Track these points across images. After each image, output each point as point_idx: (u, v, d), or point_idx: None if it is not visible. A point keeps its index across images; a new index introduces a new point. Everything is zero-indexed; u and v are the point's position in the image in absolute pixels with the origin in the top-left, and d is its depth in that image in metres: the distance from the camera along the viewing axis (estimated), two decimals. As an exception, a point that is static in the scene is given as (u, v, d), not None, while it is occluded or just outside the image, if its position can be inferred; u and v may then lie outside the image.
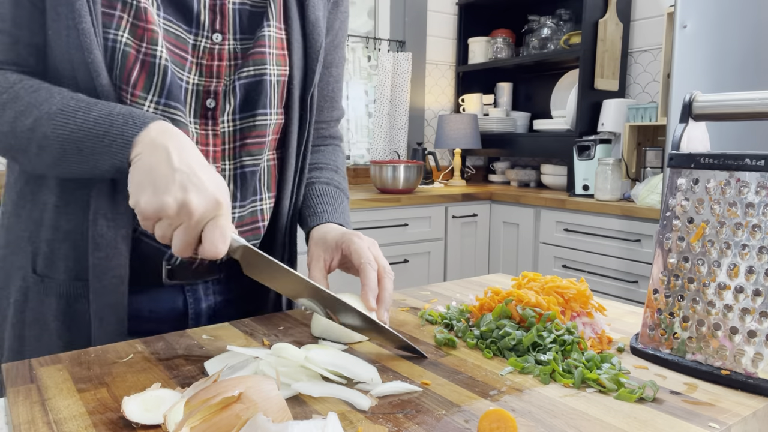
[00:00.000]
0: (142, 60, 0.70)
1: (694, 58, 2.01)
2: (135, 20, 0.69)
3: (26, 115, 0.66)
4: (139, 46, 0.69)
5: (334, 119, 1.00)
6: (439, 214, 2.78)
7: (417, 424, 0.51)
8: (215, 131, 0.77)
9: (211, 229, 0.60)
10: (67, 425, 0.50)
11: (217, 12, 0.75)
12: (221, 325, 0.79)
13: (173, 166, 0.60)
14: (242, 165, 0.79)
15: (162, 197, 0.59)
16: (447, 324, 0.79)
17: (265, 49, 0.76)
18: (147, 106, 0.71)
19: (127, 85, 0.70)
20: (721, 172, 0.63)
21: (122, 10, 0.68)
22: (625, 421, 0.52)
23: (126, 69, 0.69)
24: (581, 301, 0.75)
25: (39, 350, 0.75)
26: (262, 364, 0.59)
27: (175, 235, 0.60)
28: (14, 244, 0.77)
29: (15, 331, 0.77)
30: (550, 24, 3.15)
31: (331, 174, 0.95)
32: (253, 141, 0.79)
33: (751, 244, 0.60)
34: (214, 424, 0.44)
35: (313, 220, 0.86)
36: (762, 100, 0.64)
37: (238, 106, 0.77)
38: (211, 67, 0.75)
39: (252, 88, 0.77)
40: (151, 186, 0.60)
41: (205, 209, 0.60)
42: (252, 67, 0.76)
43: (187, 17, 0.73)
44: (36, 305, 0.75)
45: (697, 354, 0.63)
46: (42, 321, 0.75)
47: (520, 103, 3.58)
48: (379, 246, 0.78)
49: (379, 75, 3.23)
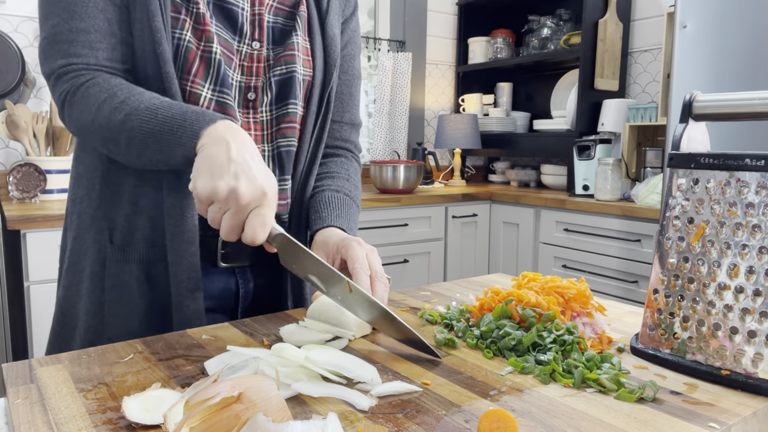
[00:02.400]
0: (201, 55, 0.84)
1: (694, 58, 2.01)
2: (195, 23, 0.83)
3: (119, 111, 0.77)
4: (198, 44, 0.83)
5: (345, 121, 1.06)
6: (439, 214, 2.78)
7: (417, 424, 0.51)
8: (255, 119, 0.91)
9: (254, 216, 0.68)
10: (67, 425, 0.50)
11: (256, 25, 0.90)
12: (221, 325, 0.79)
13: (230, 156, 0.69)
14: (278, 146, 0.93)
15: (216, 182, 0.67)
16: (447, 324, 0.79)
17: (294, 52, 0.91)
18: (205, 91, 0.84)
19: (188, 74, 0.83)
20: (721, 172, 0.63)
21: (186, 15, 0.83)
22: (625, 421, 0.52)
23: (188, 62, 0.83)
24: (581, 301, 0.75)
25: (119, 313, 0.85)
26: (262, 364, 0.59)
27: (224, 219, 0.68)
28: (88, 224, 0.87)
29: (92, 297, 0.86)
30: (550, 24, 3.15)
31: (341, 182, 0.99)
32: (286, 125, 0.92)
33: (751, 244, 0.60)
34: (213, 424, 0.44)
35: (316, 223, 0.92)
36: (762, 100, 0.64)
37: (274, 98, 0.91)
38: (251, 67, 0.90)
39: (284, 83, 0.91)
40: (208, 172, 0.68)
41: (251, 197, 0.67)
42: (284, 66, 0.91)
43: (233, 27, 0.88)
44: (116, 271, 0.86)
45: (697, 354, 0.63)
46: (122, 284, 0.85)
47: (520, 103, 3.58)
48: (379, 245, 0.80)
49: (379, 75, 3.23)
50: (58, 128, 2.21)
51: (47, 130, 2.20)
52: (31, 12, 2.34)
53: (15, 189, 2.09)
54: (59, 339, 0.90)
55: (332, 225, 0.90)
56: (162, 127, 0.74)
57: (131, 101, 0.77)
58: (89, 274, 0.87)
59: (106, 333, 0.85)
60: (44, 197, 2.15)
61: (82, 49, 0.79)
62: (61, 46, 0.79)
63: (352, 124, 1.07)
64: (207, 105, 0.85)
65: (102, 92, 0.78)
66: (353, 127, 1.08)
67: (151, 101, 0.77)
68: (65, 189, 2.21)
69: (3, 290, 1.88)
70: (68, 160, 2.23)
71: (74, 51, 0.79)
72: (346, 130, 1.07)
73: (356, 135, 1.09)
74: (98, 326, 0.86)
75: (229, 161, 0.68)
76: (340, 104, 1.04)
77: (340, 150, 1.06)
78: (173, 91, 0.81)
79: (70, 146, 2.25)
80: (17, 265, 1.90)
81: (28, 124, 2.13)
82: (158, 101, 0.77)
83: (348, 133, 1.07)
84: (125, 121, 0.76)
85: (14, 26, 2.31)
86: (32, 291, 1.84)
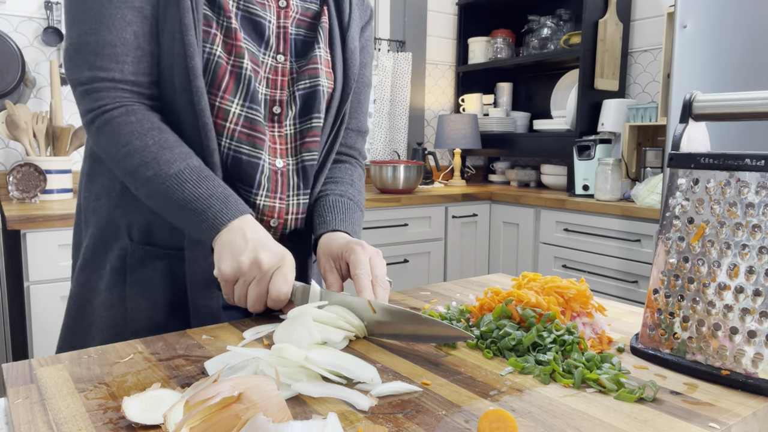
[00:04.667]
0: (231, 70, 0.84)
1: (694, 58, 2.01)
2: (226, 38, 0.84)
3: (148, 168, 0.79)
4: (228, 59, 0.84)
5: (352, 128, 1.06)
6: (439, 214, 2.78)
7: (417, 424, 0.51)
8: (280, 133, 0.92)
9: (276, 276, 0.74)
10: (67, 425, 0.50)
11: (281, 38, 0.90)
12: (221, 325, 0.79)
13: (246, 237, 0.75)
14: (303, 160, 0.94)
15: (238, 258, 0.74)
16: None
17: (317, 65, 0.92)
18: (234, 107, 0.85)
19: (218, 89, 0.84)
20: (721, 172, 0.63)
21: (217, 29, 0.83)
22: (625, 421, 0.52)
23: (218, 76, 0.83)
24: (581, 301, 0.75)
25: (143, 306, 0.86)
26: (262, 364, 0.59)
27: (249, 290, 0.75)
28: (105, 221, 0.88)
29: (114, 292, 0.87)
30: (550, 24, 3.15)
31: (345, 187, 1.00)
32: (310, 139, 0.93)
33: (751, 244, 0.60)
34: (213, 424, 0.44)
35: (320, 227, 0.92)
36: (762, 100, 0.64)
37: (298, 112, 0.92)
38: (276, 81, 0.91)
39: (308, 96, 0.92)
40: (230, 253, 0.75)
41: (272, 261, 0.74)
42: (308, 80, 0.92)
43: (260, 40, 0.89)
44: (137, 266, 0.87)
45: (697, 354, 0.63)
46: (145, 279, 0.87)
47: (520, 103, 3.58)
48: (379, 245, 0.81)
49: (379, 75, 3.23)
50: (58, 128, 2.21)
51: (47, 130, 2.20)
52: (31, 12, 2.34)
53: (15, 189, 2.09)
54: (73, 334, 0.90)
55: (337, 229, 0.90)
56: (185, 204, 0.78)
57: (161, 162, 0.78)
58: (110, 270, 0.88)
59: (130, 326, 0.86)
60: (44, 197, 2.15)
61: (108, 62, 0.79)
62: (88, 56, 0.79)
63: (359, 131, 1.07)
64: (236, 120, 0.85)
65: (134, 135, 0.79)
66: (359, 134, 1.08)
67: (181, 170, 0.78)
68: (65, 189, 2.21)
69: (3, 290, 1.88)
70: (68, 160, 2.23)
71: (101, 64, 0.79)
72: (352, 136, 1.06)
73: (362, 142, 1.09)
74: (119, 320, 0.87)
75: (246, 240, 0.75)
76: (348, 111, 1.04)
77: (344, 156, 1.06)
78: (203, 105, 0.81)
79: (70, 146, 2.25)
80: (17, 265, 1.90)
81: (28, 124, 2.13)
82: (188, 171, 0.79)
83: (354, 140, 1.07)
84: (151, 180, 0.78)
85: (14, 26, 2.31)
86: (32, 291, 1.84)
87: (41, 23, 2.36)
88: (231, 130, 0.85)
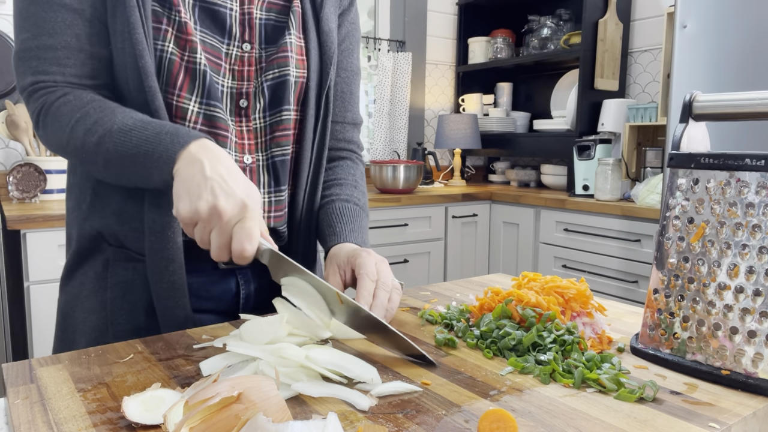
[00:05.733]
0: (185, 66, 0.80)
1: (694, 58, 2.01)
2: (178, 33, 0.80)
3: (93, 133, 0.75)
4: (182, 55, 0.80)
5: (347, 122, 1.03)
6: (439, 214, 2.78)
7: (417, 424, 0.51)
8: (248, 127, 0.88)
9: (238, 230, 0.67)
10: (67, 425, 0.50)
11: (246, 25, 0.86)
12: (221, 325, 0.79)
13: (206, 175, 0.68)
14: (273, 155, 0.89)
15: (196, 203, 0.67)
16: (447, 324, 0.79)
17: (287, 53, 0.87)
18: (192, 105, 0.82)
19: (173, 88, 0.80)
20: (721, 172, 0.63)
21: (167, 24, 0.79)
22: (625, 421, 0.52)
23: (172, 74, 0.80)
24: (581, 301, 0.75)
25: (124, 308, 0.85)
26: (262, 364, 0.59)
27: (211, 239, 0.68)
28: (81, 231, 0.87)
29: (96, 297, 0.86)
30: (550, 24, 3.15)
31: (350, 190, 0.98)
32: (281, 133, 0.89)
33: (751, 244, 0.60)
34: (213, 424, 0.44)
35: (331, 239, 0.91)
36: (762, 100, 0.64)
37: (267, 104, 0.88)
38: (242, 71, 0.86)
39: (277, 87, 0.87)
40: (187, 194, 0.68)
41: (232, 211, 0.67)
42: (276, 69, 0.86)
43: (221, 30, 0.84)
44: (119, 269, 0.85)
45: (697, 354, 0.63)
46: (125, 282, 0.85)
47: (520, 103, 3.58)
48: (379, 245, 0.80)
49: (379, 75, 3.23)
50: (58, 128, 2.21)
51: (47, 130, 2.20)
52: (31, 12, 2.34)
53: (15, 189, 2.09)
54: (61, 341, 0.90)
55: (347, 241, 0.89)
56: (137, 150, 0.73)
57: (104, 122, 0.75)
58: (93, 275, 0.87)
59: (112, 330, 0.85)
60: (44, 197, 2.15)
61: (49, 66, 0.77)
62: (30, 62, 0.77)
63: (354, 123, 1.05)
64: (195, 119, 0.82)
65: (74, 111, 0.76)
66: (355, 127, 1.05)
67: (123, 122, 0.74)
68: (65, 189, 2.21)
69: (3, 290, 1.88)
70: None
71: (42, 68, 0.77)
72: (348, 130, 1.04)
73: (358, 134, 1.07)
74: (101, 324, 0.86)
75: (205, 179, 0.67)
76: (341, 103, 1.01)
77: (344, 152, 1.04)
78: (156, 105, 0.78)
79: (70, 146, 2.25)
80: (17, 265, 1.90)
81: (28, 124, 2.12)
82: (131, 121, 0.75)
83: (351, 133, 1.05)
84: (99, 143, 0.74)
85: (14, 26, 2.31)
86: (32, 291, 1.84)
87: (41, 23, 2.35)
88: None
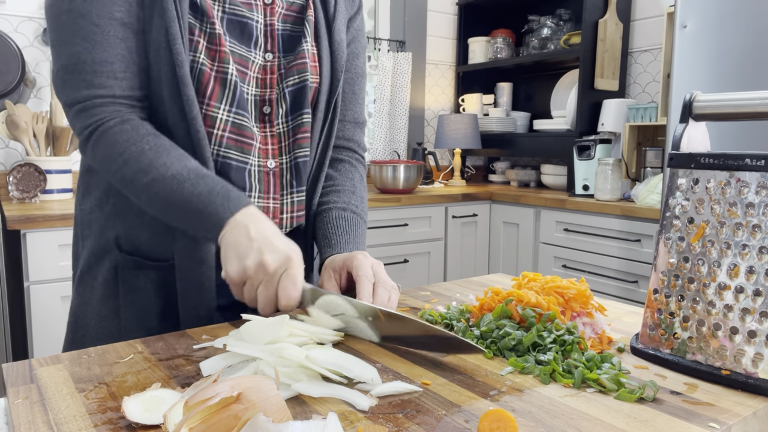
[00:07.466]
0: (215, 76, 0.83)
1: (694, 58, 2.01)
2: (209, 44, 0.83)
3: (145, 173, 0.78)
4: (212, 65, 0.83)
5: (348, 120, 1.04)
6: (439, 214, 2.78)
7: (417, 424, 0.51)
8: (272, 132, 0.92)
9: (284, 279, 0.72)
10: (67, 425, 0.50)
11: (269, 36, 0.90)
12: (221, 325, 0.79)
13: (251, 236, 0.73)
14: (296, 157, 0.93)
15: (244, 261, 0.72)
16: (447, 324, 0.79)
17: (305, 60, 0.91)
18: (221, 113, 0.84)
19: (203, 97, 0.83)
20: (721, 172, 0.63)
21: (199, 35, 0.82)
22: (625, 421, 0.52)
23: (202, 84, 0.82)
24: (581, 301, 0.75)
25: (136, 315, 0.87)
26: (262, 364, 0.59)
27: (258, 294, 0.73)
28: (98, 233, 0.89)
29: (107, 303, 0.88)
30: (550, 24, 3.15)
31: (348, 197, 0.99)
32: (301, 136, 0.92)
33: (751, 244, 0.60)
34: (213, 424, 0.44)
35: (326, 251, 0.92)
36: (762, 100, 0.64)
37: (289, 109, 0.91)
38: (265, 79, 0.90)
39: (298, 92, 0.91)
40: (235, 256, 0.73)
41: (278, 264, 0.72)
42: (297, 75, 0.90)
43: (248, 41, 0.88)
44: (129, 277, 0.87)
45: (697, 354, 0.63)
46: (137, 289, 0.87)
47: (520, 103, 3.58)
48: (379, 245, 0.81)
49: (379, 75, 3.23)
50: (58, 128, 2.21)
51: (47, 130, 2.20)
52: (31, 12, 2.34)
53: (15, 189, 2.09)
54: (71, 344, 0.90)
55: (342, 252, 0.89)
56: (186, 205, 0.77)
57: (158, 165, 0.77)
58: (102, 282, 0.88)
59: (123, 337, 0.86)
60: (44, 197, 2.15)
61: (107, 80, 0.78)
62: (85, 76, 0.78)
63: (356, 122, 1.06)
64: (223, 126, 0.85)
65: (129, 143, 0.78)
66: (357, 126, 1.06)
67: (178, 171, 0.78)
68: (65, 189, 2.21)
69: (3, 290, 1.88)
70: (68, 160, 2.23)
71: (99, 82, 0.78)
72: (349, 128, 1.05)
73: (360, 134, 1.08)
74: (114, 331, 0.87)
75: (250, 241, 0.73)
76: (343, 102, 1.03)
77: (344, 151, 1.05)
78: (194, 114, 0.81)
79: (70, 146, 2.25)
80: (17, 265, 1.90)
81: (28, 124, 2.13)
82: (186, 171, 0.78)
83: (351, 132, 1.05)
84: (150, 185, 0.78)
85: (14, 26, 2.31)
86: (32, 291, 1.84)
87: (41, 23, 2.36)
88: (219, 137, 0.85)
